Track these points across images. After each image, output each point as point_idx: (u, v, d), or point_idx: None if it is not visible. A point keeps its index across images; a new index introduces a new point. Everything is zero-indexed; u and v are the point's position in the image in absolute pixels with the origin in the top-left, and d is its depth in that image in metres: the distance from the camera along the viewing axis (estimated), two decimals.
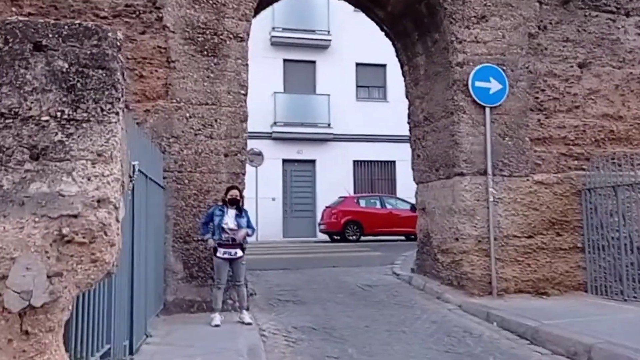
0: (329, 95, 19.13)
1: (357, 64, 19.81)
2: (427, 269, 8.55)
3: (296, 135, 18.72)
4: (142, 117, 6.60)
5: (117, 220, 2.55)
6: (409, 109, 9.37)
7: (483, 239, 7.53)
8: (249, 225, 6.22)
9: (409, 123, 9.33)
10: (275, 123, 18.61)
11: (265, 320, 6.36)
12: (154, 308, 5.90)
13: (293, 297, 7.68)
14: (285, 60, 19.23)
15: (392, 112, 19.39)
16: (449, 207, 7.92)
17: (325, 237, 17.38)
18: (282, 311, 6.91)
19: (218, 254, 6.10)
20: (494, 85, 7.85)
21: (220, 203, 6.39)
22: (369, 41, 19.03)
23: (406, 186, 19.10)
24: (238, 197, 6.18)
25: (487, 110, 7.73)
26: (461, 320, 6.53)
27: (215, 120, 6.88)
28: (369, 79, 20.14)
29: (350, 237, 15.94)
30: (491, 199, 7.58)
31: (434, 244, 8.36)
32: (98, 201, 2.44)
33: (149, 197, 5.51)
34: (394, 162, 19.69)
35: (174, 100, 6.76)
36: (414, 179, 9.18)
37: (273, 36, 18.92)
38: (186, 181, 6.70)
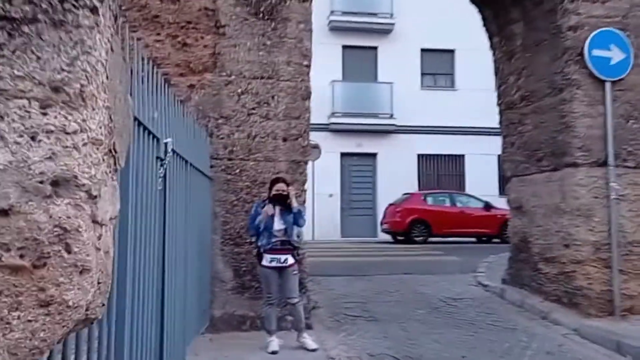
0: (391, 83, 17.67)
1: (423, 50, 18.24)
2: (525, 281, 7.05)
3: (356, 127, 17.38)
4: (185, 93, 5.47)
5: (98, 223, 1.33)
6: (498, 88, 7.86)
7: (602, 246, 5.99)
8: (296, 222, 4.83)
9: (499, 105, 7.83)
10: (333, 114, 17.33)
11: (333, 344, 5.10)
12: (196, 326, 4.75)
13: (363, 312, 6.39)
14: (344, 47, 17.88)
15: (461, 102, 17.79)
16: (556, 206, 6.40)
17: (387, 237, 15.99)
18: (353, 330, 5.63)
19: (263, 262, 4.84)
20: (616, 55, 6.27)
21: (263, 199, 5.11)
22: (435, 25, 17.55)
23: (476, 182, 17.48)
24: (285, 192, 4.85)
25: (608, 85, 6.16)
26: (584, 352, 5.05)
27: (273, 97, 5.67)
28: (435, 65, 18.53)
29: (417, 238, 14.47)
30: (613, 195, 6.03)
31: (534, 251, 6.86)
32: (53, 183, 1.23)
33: (191, 189, 4.36)
34: (463, 156, 18.04)
35: (224, 73, 5.58)
36: (505, 172, 7.68)
37: (331, 21, 17.64)
38: (237, 170, 5.52)
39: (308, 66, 5.80)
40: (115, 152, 1.43)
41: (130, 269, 2.55)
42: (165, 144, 3.24)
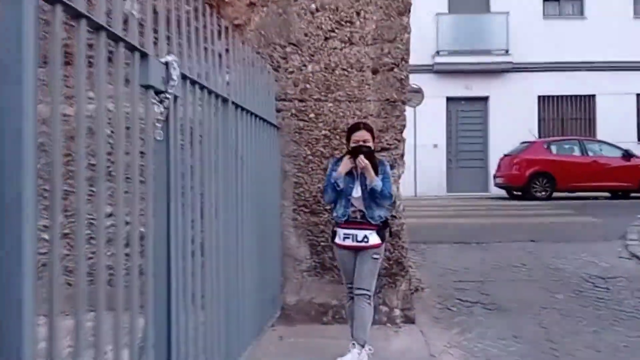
0: (507, 13, 15.23)
1: None
2: None
3: (464, 66, 15.26)
4: (243, 15, 4.15)
5: None
6: None
7: None
8: (386, 189, 3.38)
9: None
10: (438, 52, 15.29)
11: (443, 346, 3.73)
12: (259, 318, 3.56)
13: (482, 297, 4.91)
14: None
15: (591, 32, 15.04)
16: None
17: (501, 192, 14.07)
18: (470, 325, 4.20)
19: (337, 240, 3.49)
20: None
21: (339, 155, 3.73)
22: None
23: (610, 127, 14.83)
24: (368, 143, 3.42)
25: None
26: None
27: (358, 14, 4.18)
28: None
29: (538, 194, 12.47)
30: None
31: None
32: None
33: (246, 141, 3.10)
34: (593, 96, 15.40)
35: None
36: None
37: None
38: (312, 115, 4.16)
39: None
40: None
41: None
42: (166, 63, 1.94)
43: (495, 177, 13.71)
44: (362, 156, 3.34)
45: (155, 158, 1.95)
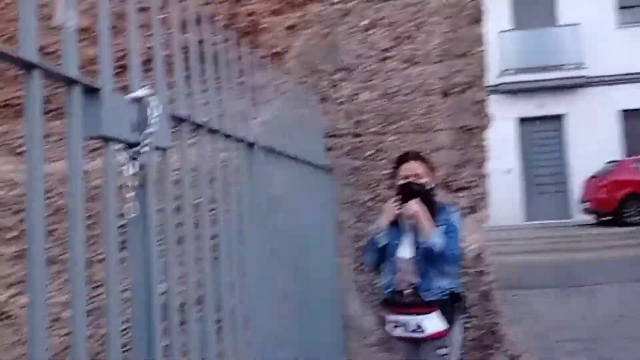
0: (576, 25, 14.06)
1: None
2: None
3: (534, 84, 14.12)
4: (282, 41, 3.52)
5: None
6: None
7: None
8: (449, 248, 2.40)
9: None
10: (503, 72, 14.24)
11: None
12: None
13: None
14: None
15: None
16: None
17: (584, 218, 12.67)
18: None
19: (386, 326, 2.60)
20: None
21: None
22: None
23: None
24: (422, 180, 2.50)
25: None
26: None
27: (419, 27, 3.45)
28: None
29: (631, 219, 11.06)
30: None
31: None
32: None
33: (292, 192, 2.43)
34: None
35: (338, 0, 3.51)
36: None
37: None
38: (371, 152, 3.42)
39: None
40: None
41: None
42: (139, 100, 1.27)
43: (582, 201, 12.35)
44: (413, 201, 2.39)
45: (130, 245, 1.27)
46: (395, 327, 2.48)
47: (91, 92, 1.13)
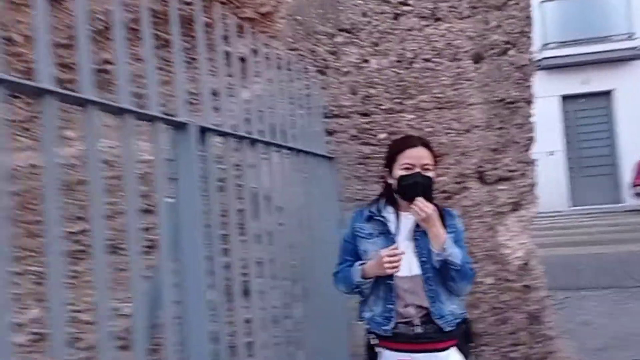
0: None
1: None
2: None
3: (579, 58, 12.92)
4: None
5: None
6: None
7: None
8: (467, 261, 1.82)
9: None
10: (545, 45, 13.07)
11: None
12: None
13: None
14: None
15: None
16: None
17: (638, 203, 11.57)
18: None
19: None
20: None
21: (373, 203, 2.01)
22: None
23: None
24: (429, 171, 1.84)
25: None
26: None
27: None
28: None
29: None
30: None
31: None
32: None
33: (280, 188, 1.76)
34: None
35: None
36: None
37: None
38: (383, 135, 2.69)
39: None
40: None
41: None
42: None
43: (634, 185, 11.25)
44: (421, 199, 1.78)
45: None
46: None
47: None
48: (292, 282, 2.09)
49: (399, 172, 1.85)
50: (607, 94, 13.25)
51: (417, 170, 1.83)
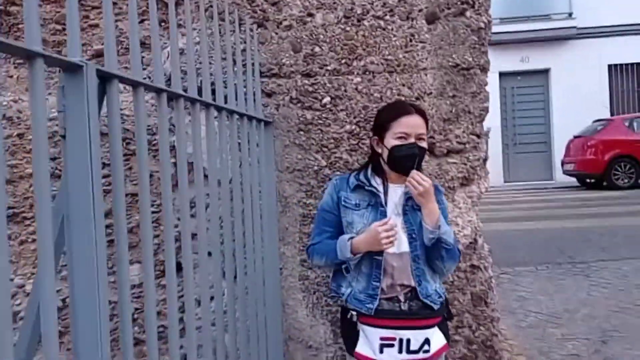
0: None
1: None
2: None
3: (519, 35, 13.14)
4: None
5: None
6: None
7: None
8: (453, 252, 1.75)
9: None
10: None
11: None
12: None
13: None
14: None
15: None
16: None
17: (569, 180, 12.02)
18: None
19: (360, 349, 1.71)
20: None
21: (359, 169, 1.94)
22: None
23: None
24: (422, 142, 1.75)
25: None
26: None
27: None
28: None
29: (620, 183, 10.38)
30: None
31: None
32: None
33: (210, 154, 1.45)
34: None
35: None
36: None
37: None
38: (327, 99, 2.43)
39: None
40: None
41: None
42: None
43: (564, 162, 11.63)
44: (418, 172, 1.70)
45: None
46: (386, 346, 1.69)
47: None
48: (221, 259, 1.83)
49: (392, 141, 1.74)
50: (544, 72, 13.57)
51: (412, 140, 1.72)
